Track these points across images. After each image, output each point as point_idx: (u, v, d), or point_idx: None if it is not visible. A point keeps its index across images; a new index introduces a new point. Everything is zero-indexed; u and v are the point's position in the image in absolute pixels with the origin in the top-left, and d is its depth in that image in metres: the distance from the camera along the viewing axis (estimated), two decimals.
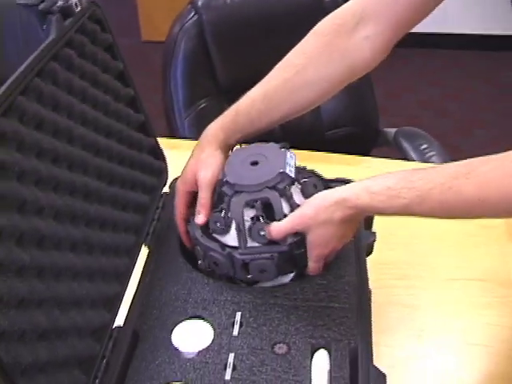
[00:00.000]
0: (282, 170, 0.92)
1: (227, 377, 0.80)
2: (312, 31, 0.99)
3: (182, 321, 0.88)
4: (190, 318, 0.88)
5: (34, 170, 0.76)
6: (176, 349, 0.84)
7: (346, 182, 1.10)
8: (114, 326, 0.86)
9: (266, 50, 1.61)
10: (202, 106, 1.59)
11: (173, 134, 1.59)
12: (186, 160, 1.45)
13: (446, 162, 1.54)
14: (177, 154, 1.48)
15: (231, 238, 0.92)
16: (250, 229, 0.90)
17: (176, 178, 1.12)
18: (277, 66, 0.99)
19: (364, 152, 1.65)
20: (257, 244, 0.91)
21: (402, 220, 1.16)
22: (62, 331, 0.76)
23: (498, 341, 1.06)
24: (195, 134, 1.56)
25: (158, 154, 1.09)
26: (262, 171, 0.93)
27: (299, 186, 0.94)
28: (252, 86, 1.50)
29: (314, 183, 0.95)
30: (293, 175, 0.93)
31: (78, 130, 0.87)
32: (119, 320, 0.88)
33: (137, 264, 0.97)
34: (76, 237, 0.82)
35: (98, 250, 0.87)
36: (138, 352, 0.84)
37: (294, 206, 0.91)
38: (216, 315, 0.88)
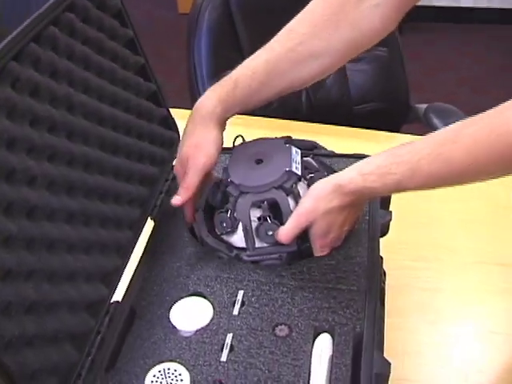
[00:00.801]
0: (288, 169, 0.88)
1: (223, 358, 0.77)
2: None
3: (182, 298, 0.85)
4: (191, 295, 0.85)
5: (26, 138, 0.74)
6: (173, 327, 0.81)
7: (363, 157, 1.06)
8: (111, 301, 0.84)
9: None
10: None
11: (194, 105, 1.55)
12: None
13: None
14: None
15: (238, 239, 0.90)
16: (257, 229, 0.88)
17: None
18: (279, 33, 0.93)
19: (394, 128, 1.59)
20: (265, 244, 0.88)
21: (424, 199, 1.11)
22: (53, 305, 0.74)
23: None
24: None
25: (171, 125, 1.06)
26: (267, 170, 0.90)
27: (306, 182, 0.91)
28: None
29: (321, 177, 0.90)
30: (299, 172, 0.89)
31: (79, 98, 0.84)
32: (119, 295, 0.86)
33: (142, 237, 0.94)
34: (72, 208, 0.79)
35: (97, 222, 0.84)
36: (134, 328, 0.82)
37: None
38: (217, 293, 0.85)
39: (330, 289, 0.85)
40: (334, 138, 1.19)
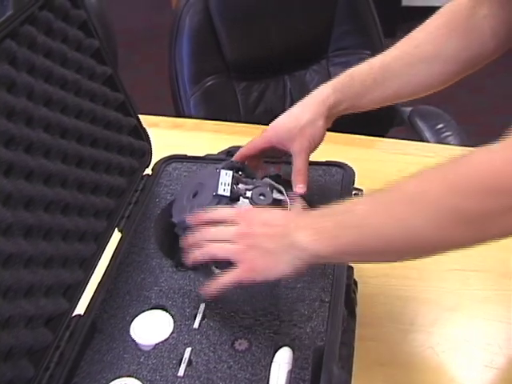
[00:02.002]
0: (214, 193, 0.88)
1: (180, 373, 0.77)
2: (434, 14, 0.96)
3: (144, 311, 0.84)
4: (153, 308, 0.85)
5: None
6: (133, 341, 0.81)
7: (338, 165, 1.05)
8: (73, 315, 0.84)
9: (274, 25, 1.56)
10: (209, 83, 1.54)
11: (178, 113, 1.55)
12: (189, 139, 1.43)
13: (463, 142, 1.48)
14: (179, 133, 1.46)
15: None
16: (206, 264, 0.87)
17: (160, 160, 1.09)
18: (398, 42, 0.96)
19: (380, 132, 1.58)
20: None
21: None
22: (8, 321, 0.73)
23: (498, 338, 1.00)
24: (201, 112, 1.52)
25: (141, 135, 1.05)
26: (199, 200, 0.90)
27: (246, 200, 0.90)
28: (261, 62, 1.42)
29: (261, 192, 0.90)
30: (227, 194, 0.88)
31: (39, 111, 0.84)
32: (82, 308, 0.86)
33: (108, 249, 0.94)
34: (30, 223, 0.79)
35: (58, 236, 0.84)
36: (94, 343, 0.81)
37: None
38: (179, 306, 0.85)
39: (293, 301, 0.84)
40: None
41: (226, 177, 0.91)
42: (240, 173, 0.95)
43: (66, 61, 0.90)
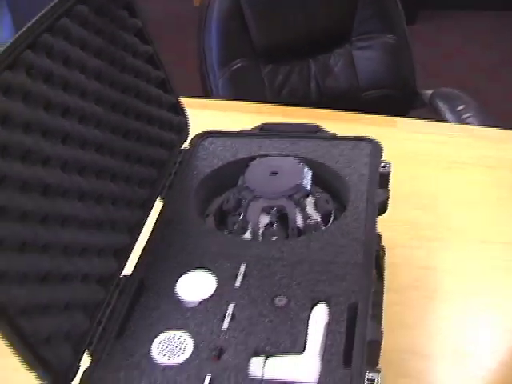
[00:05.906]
0: (299, 182, 0.97)
1: (225, 326, 0.82)
2: None
3: (188, 271, 0.90)
4: (196, 268, 0.91)
5: (41, 121, 0.79)
6: (179, 298, 0.87)
7: (363, 139, 1.10)
8: (121, 275, 0.90)
9: (299, 11, 1.61)
10: (237, 65, 1.59)
11: (207, 94, 1.60)
12: (218, 119, 1.48)
13: (483, 122, 1.52)
14: (208, 114, 1.51)
15: None
16: (263, 234, 0.96)
17: (196, 135, 1.14)
18: None
19: (401, 113, 1.63)
20: None
21: (427, 181, 1.15)
22: (66, 276, 0.79)
23: None
24: (229, 93, 1.58)
25: (179, 111, 1.11)
26: (280, 181, 0.99)
27: (313, 200, 0.99)
28: (286, 46, 1.46)
29: (326, 199, 1.00)
30: (308, 188, 0.98)
31: (91, 85, 0.89)
32: (129, 269, 0.92)
33: (151, 216, 1.00)
34: (83, 187, 0.85)
35: (108, 201, 0.90)
36: (142, 300, 0.87)
37: (306, 218, 0.96)
38: (221, 267, 0.90)
39: (327, 262, 0.90)
40: (339, 123, 1.23)
41: (307, 173, 1.00)
42: None
43: (113, 39, 0.96)
